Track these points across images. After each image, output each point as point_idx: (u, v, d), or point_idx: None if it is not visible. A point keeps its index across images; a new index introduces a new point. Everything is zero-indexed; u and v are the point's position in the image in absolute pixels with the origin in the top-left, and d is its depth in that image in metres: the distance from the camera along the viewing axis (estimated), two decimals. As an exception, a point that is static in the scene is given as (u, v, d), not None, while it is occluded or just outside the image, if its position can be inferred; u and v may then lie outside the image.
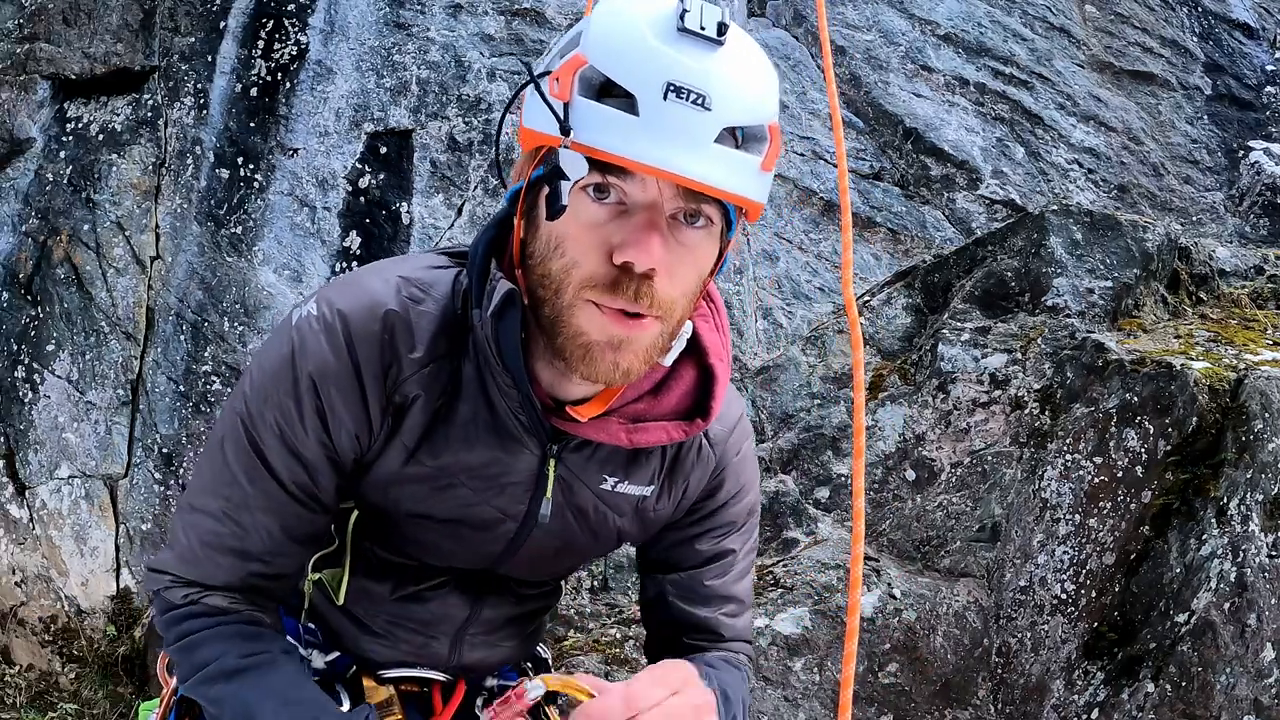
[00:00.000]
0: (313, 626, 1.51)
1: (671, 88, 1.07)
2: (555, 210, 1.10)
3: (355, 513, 1.40)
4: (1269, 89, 5.60)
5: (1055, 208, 3.52)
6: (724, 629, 1.53)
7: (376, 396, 1.24)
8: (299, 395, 1.24)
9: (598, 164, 1.10)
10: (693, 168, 1.08)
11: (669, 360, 1.30)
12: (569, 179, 1.08)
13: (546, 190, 1.11)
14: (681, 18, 1.08)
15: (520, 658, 1.66)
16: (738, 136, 1.14)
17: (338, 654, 1.51)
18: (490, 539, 1.39)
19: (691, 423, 1.31)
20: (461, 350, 1.27)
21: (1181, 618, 2.57)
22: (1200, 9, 5.73)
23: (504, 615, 1.54)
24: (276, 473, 1.27)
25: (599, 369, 1.16)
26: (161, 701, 1.50)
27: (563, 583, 1.67)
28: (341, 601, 1.44)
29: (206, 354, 4.33)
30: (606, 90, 1.10)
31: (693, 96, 1.07)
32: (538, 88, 1.12)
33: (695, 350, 1.34)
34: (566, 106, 1.09)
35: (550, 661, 1.74)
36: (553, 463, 1.31)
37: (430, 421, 1.28)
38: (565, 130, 1.08)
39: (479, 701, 1.58)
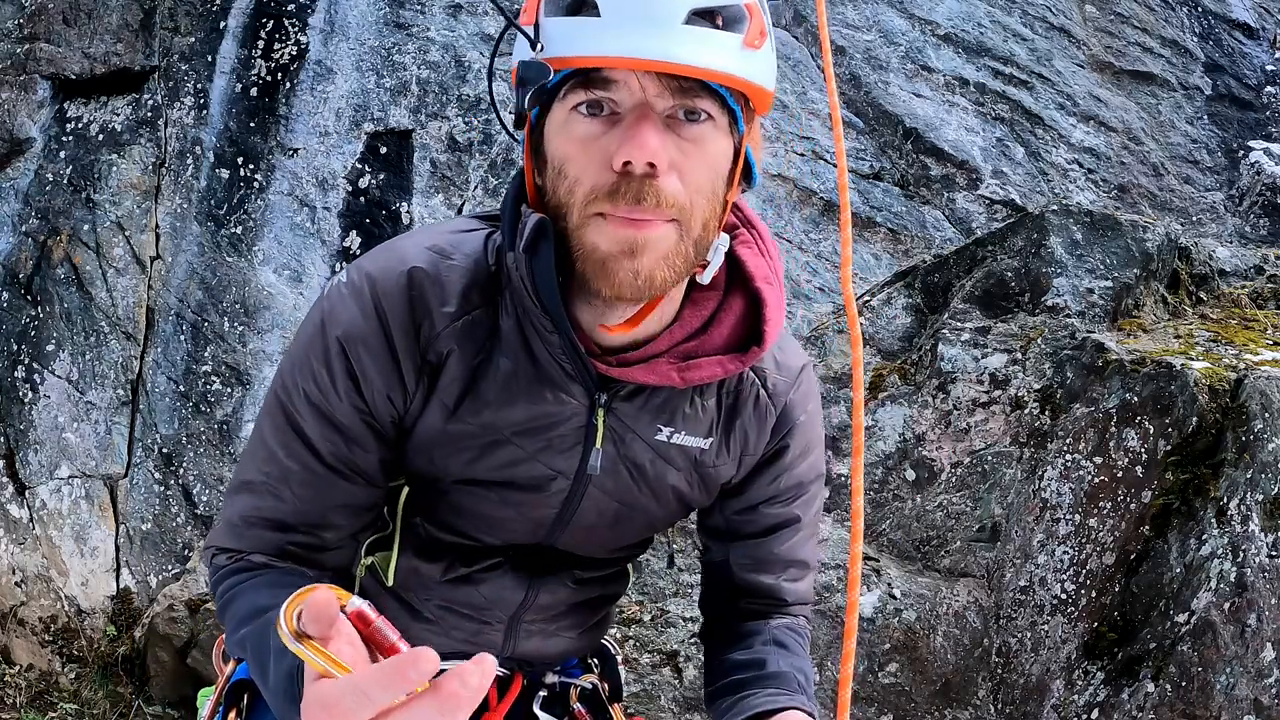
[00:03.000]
0: None
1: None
2: (519, 121, 1.15)
3: (405, 489, 1.35)
4: (1269, 89, 5.60)
5: (1055, 208, 3.52)
6: (787, 594, 1.47)
7: (409, 355, 1.22)
8: (329, 361, 1.22)
9: (581, 79, 1.08)
10: (664, 50, 1.04)
11: (706, 277, 1.22)
12: (529, 86, 1.10)
13: (528, 88, 1.10)
14: None
15: (583, 650, 1.59)
16: (715, 19, 1.09)
17: None
18: (543, 502, 1.32)
19: (746, 353, 1.24)
20: (497, 302, 1.24)
21: (1181, 618, 2.57)
22: (1200, 9, 5.73)
23: (563, 601, 1.46)
24: (313, 444, 1.25)
25: (619, 280, 1.10)
26: (216, 689, 1.47)
27: (630, 569, 1.58)
28: (391, 582, 1.39)
29: (206, 354, 4.34)
30: (574, 8, 1.11)
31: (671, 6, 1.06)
32: (511, 22, 1.14)
33: (740, 279, 1.27)
34: (536, 28, 1.10)
35: (619, 657, 1.65)
36: (601, 412, 1.25)
37: (469, 377, 1.24)
38: (534, 44, 1.09)
39: (538, 699, 1.52)
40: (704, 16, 1.08)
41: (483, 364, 1.24)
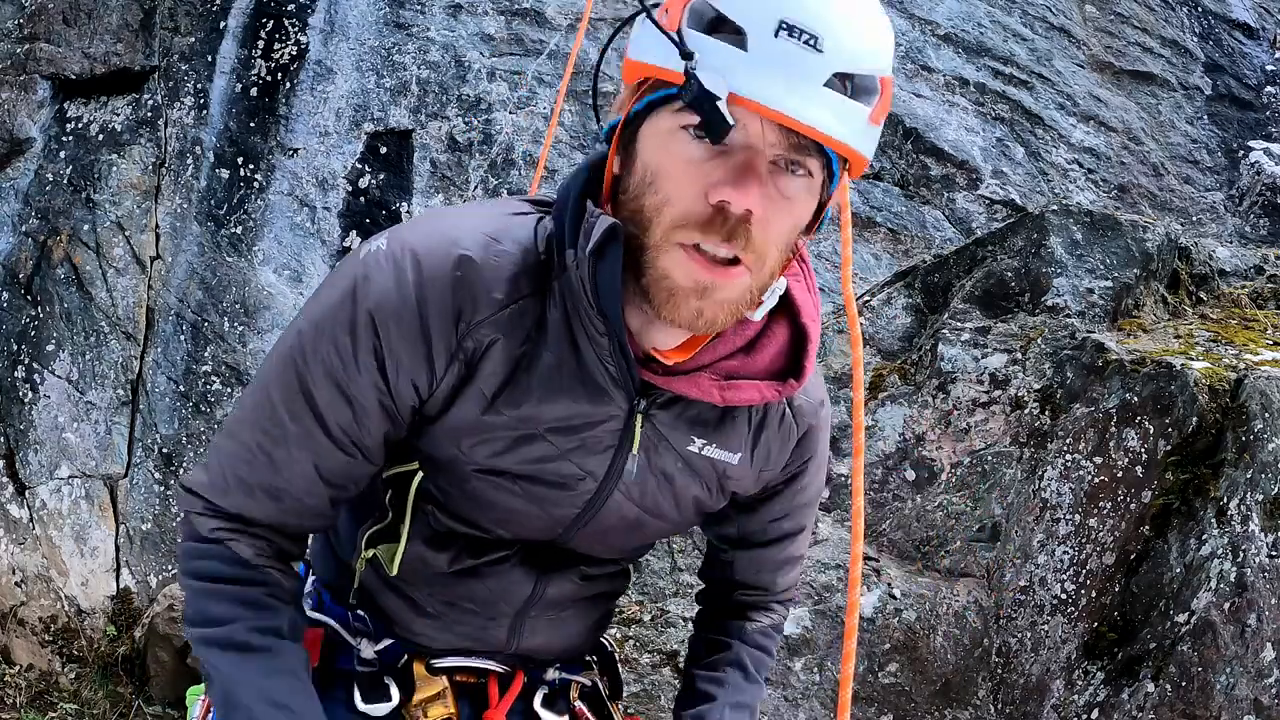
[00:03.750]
0: (362, 614, 1.44)
1: (784, 25, 1.03)
2: (718, 129, 1.04)
3: (419, 475, 1.32)
4: (1269, 89, 5.60)
5: (1055, 208, 3.52)
6: (779, 586, 1.57)
7: (443, 341, 1.18)
8: (355, 332, 1.17)
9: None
10: (799, 109, 1.03)
11: (759, 315, 1.24)
12: (719, 97, 1.02)
13: (699, 119, 1.05)
14: None
15: (584, 648, 1.60)
16: (848, 85, 1.09)
17: (389, 641, 1.44)
18: (566, 500, 1.32)
19: (784, 383, 1.28)
20: (545, 292, 1.21)
21: (1181, 618, 2.57)
22: (1200, 9, 5.73)
23: (568, 596, 1.46)
24: (321, 413, 1.21)
25: (681, 314, 1.12)
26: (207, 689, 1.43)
27: (630, 567, 1.60)
28: (395, 572, 1.36)
29: (206, 354, 4.33)
30: (716, 25, 1.07)
31: (805, 36, 1.03)
32: (650, 17, 1.10)
33: (787, 309, 1.30)
34: (680, 36, 1.06)
35: (616, 655, 1.68)
36: (639, 418, 1.25)
37: (512, 368, 1.21)
38: (687, 55, 1.04)
39: (539, 696, 1.51)
40: (842, 80, 1.08)
41: (526, 355, 1.21)
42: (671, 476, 1.33)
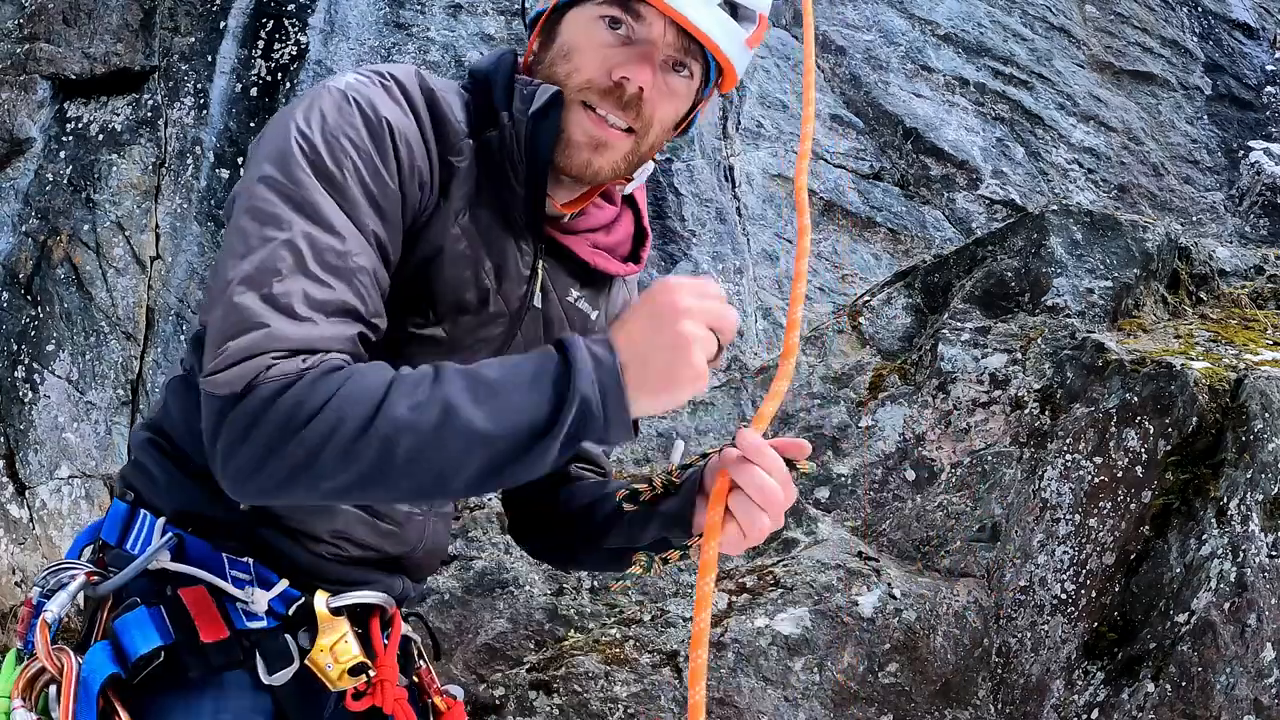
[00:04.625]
0: (246, 561, 1.32)
1: None
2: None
3: None
4: (1269, 89, 5.60)
5: (1055, 208, 3.52)
6: (604, 462, 1.69)
7: (436, 152, 1.29)
8: (378, 140, 1.21)
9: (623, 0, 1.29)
10: (697, 17, 1.28)
11: (628, 190, 1.50)
12: None
13: (615, 13, 1.29)
14: None
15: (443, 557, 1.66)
16: (736, 11, 1.33)
17: (283, 585, 1.33)
18: (483, 345, 1.39)
19: (627, 265, 1.53)
20: (485, 139, 1.35)
21: (1181, 618, 2.57)
22: (1200, 9, 5.74)
23: None
24: (359, 220, 1.17)
25: (574, 162, 1.33)
26: (67, 684, 1.20)
27: None
28: None
29: (206, 354, 4.34)
30: None
31: None
32: None
33: (633, 207, 1.56)
34: None
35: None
36: (540, 262, 1.42)
37: (473, 192, 1.33)
38: None
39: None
40: (730, 5, 1.32)
41: (476, 187, 1.34)
42: (552, 322, 1.47)
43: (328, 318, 1.12)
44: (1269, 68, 5.67)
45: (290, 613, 1.35)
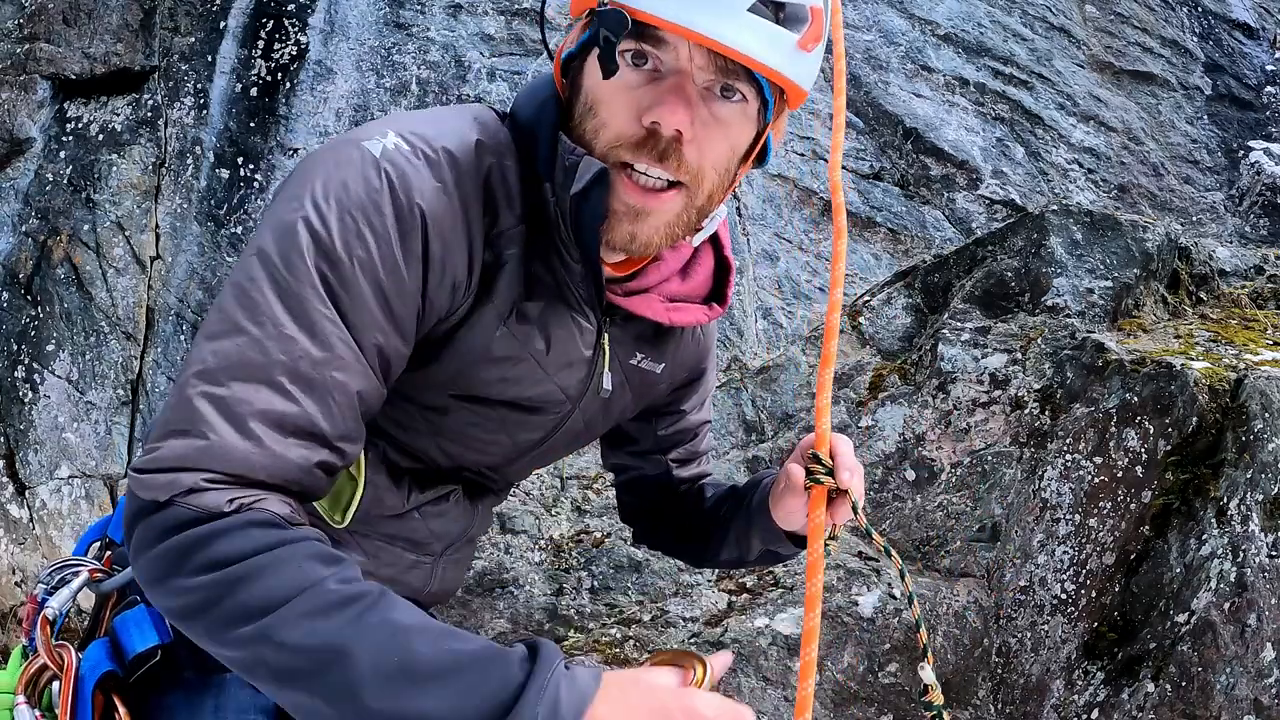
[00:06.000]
0: None
1: None
2: (608, 70, 1.07)
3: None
4: (1269, 89, 5.60)
5: (1055, 208, 3.52)
6: (706, 475, 1.71)
7: (478, 246, 1.12)
8: (404, 230, 1.05)
9: (636, 29, 1.08)
10: (722, 32, 1.05)
11: (698, 240, 1.29)
12: (615, 39, 1.05)
13: (596, 51, 1.09)
14: None
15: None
16: (778, 12, 1.10)
17: None
18: (538, 424, 1.32)
19: (712, 308, 1.36)
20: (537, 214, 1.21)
21: (1181, 618, 2.57)
22: (1200, 9, 5.74)
23: (478, 531, 1.48)
24: (357, 326, 1.02)
25: (616, 236, 1.15)
26: (65, 682, 1.19)
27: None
28: (347, 521, 1.24)
29: (206, 354, 4.34)
30: None
31: None
32: None
33: (711, 238, 1.38)
34: None
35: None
36: (606, 336, 1.30)
37: (522, 287, 1.18)
38: None
39: None
40: (768, 7, 1.09)
41: (531, 274, 1.19)
42: (613, 390, 1.38)
43: (285, 437, 0.98)
44: (1269, 68, 5.67)
45: None
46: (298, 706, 0.92)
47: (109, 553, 1.36)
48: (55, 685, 1.20)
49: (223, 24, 4.61)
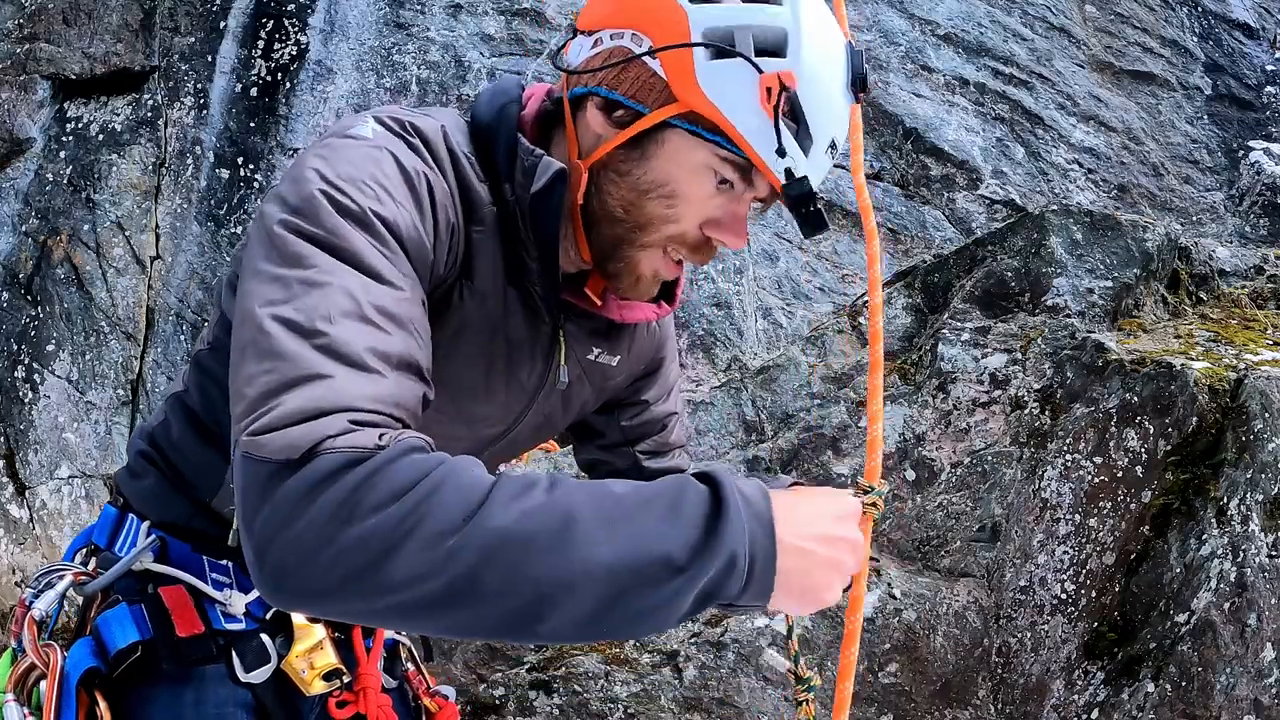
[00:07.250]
0: (225, 563, 1.32)
1: (833, 143, 1.20)
2: (814, 229, 1.18)
3: None
4: (1269, 89, 5.60)
5: (1055, 208, 3.52)
6: (680, 469, 1.69)
7: (460, 220, 1.17)
8: (417, 196, 1.08)
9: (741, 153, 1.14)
10: (815, 182, 1.19)
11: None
12: (814, 204, 1.16)
13: (807, 209, 1.16)
14: (858, 82, 1.21)
15: None
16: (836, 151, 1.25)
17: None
18: (496, 418, 1.35)
19: (660, 305, 1.42)
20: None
21: (1181, 618, 2.57)
22: (1200, 9, 5.73)
23: None
24: (405, 274, 1.02)
25: (636, 292, 1.27)
26: (51, 680, 1.20)
27: None
28: None
29: (206, 354, 4.33)
30: (793, 120, 1.14)
31: (838, 150, 1.22)
32: (778, 118, 1.12)
33: None
34: (778, 128, 1.11)
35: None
36: (561, 331, 1.34)
37: (495, 266, 1.21)
38: (781, 153, 1.13)
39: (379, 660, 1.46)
40: (836, 150, 1.22)
41: (495, 261, 1.22)
42: (571, 385, 1.41)
43: (394, 370, 0.93)
44: (1269, 68, 5.66)
45: (268, 616, 1.35)
46: (511, 605, 0.84)
47: (94, 558, 1.39)
48: (43, 684, 1.22)
49: (223, 24, 4.61)
